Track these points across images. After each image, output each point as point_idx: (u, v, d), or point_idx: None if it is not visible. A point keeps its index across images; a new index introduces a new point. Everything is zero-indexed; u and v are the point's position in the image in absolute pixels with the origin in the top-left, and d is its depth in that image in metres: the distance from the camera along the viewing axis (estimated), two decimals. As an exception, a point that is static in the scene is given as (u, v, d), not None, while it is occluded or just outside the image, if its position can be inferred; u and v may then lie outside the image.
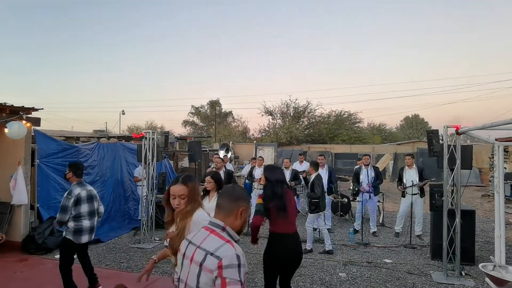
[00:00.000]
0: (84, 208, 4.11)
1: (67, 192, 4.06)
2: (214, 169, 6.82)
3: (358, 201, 7.72)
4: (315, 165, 6.56)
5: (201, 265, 1.53)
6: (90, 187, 4.30)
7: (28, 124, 6.06)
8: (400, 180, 7.34)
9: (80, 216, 4.09)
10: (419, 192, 7.07)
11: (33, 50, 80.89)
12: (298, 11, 71.84)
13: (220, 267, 1.45)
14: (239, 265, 1.47)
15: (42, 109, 6.29)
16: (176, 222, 2.30)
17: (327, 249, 6.24)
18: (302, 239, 6.31)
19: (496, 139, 6.15)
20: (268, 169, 3.78)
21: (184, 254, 1.69)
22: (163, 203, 2.39)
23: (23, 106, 6.04)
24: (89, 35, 77.61)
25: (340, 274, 5.27)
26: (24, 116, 6.02)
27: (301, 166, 9.29)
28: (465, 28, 69.60)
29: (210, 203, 4.24)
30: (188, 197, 2.26)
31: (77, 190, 4.09)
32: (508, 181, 11.50)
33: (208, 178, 4.17)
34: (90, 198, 4.21)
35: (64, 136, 10.53)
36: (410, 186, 7.02)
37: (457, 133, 5.04)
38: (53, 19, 78.71)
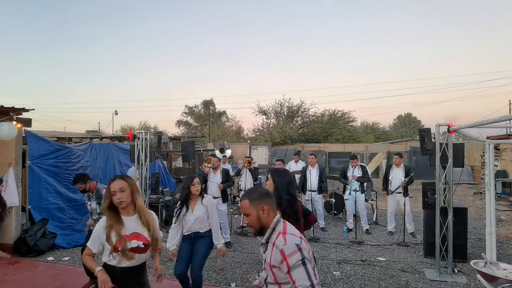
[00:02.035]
0: None
1: (102, 194, 4.31)
2: (211, 169, 6.78)
3: (346, 199, 7.78)
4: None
5: None
6: None
7: (19, 125, 5.99)
8: (386, 178, 7.44)
9: None
10: (402, 191, 7.12)
11: (23, 49, 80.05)
12: (290, 11, 71.97)
13: None
14: None
15: (33, 109, 6.21)
16: (144, 222, 2.43)
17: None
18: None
19: (487, 137, 6.23)
20: (276, 172, 3.13)
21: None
22: (104, 210, 2.40)
23: (13, 107, 5.96)
24: (81, 34, 76.99)
25: (334, 272, 5.28)
26: (15, 117, 5.95)
27: (297, 165, 9.33)
28: (456, 27, 70.30)
29: (194, 213, 3.90)
30: (129, 190, 2.38)
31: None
32: (499, 178, 11.63)
33: (196, 179, 3.94)
34: None
35: (56, 137, 10.41)
36: (396, 190, 7.15)
37: (449, 131, 5.08)
38: (45, 18, 77.95)
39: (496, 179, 11.24)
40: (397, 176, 7.22)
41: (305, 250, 1.79)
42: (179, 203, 3.96)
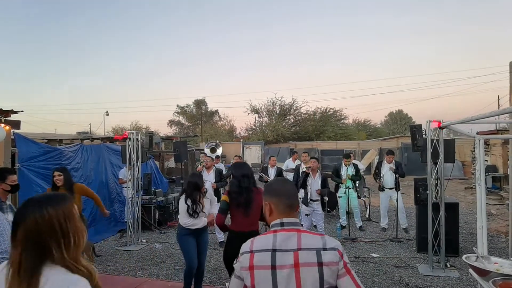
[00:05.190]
0: None
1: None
2: (203, 167, 6.76)
3: (338, 196, 7.80)
4: None
5: (320, 264, 1.52)
6: None
7: (7, 127, 5.89)
8: (377, 174, 7.54)
9: None
10: (394, 186, 7.20)
11: (13, 50, 78.84)
12: (282, 9, 72.00)
13: (341, 256, 1.55)
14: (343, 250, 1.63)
15: (22, 111, 6.14)
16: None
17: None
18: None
19: (477, 133, 6.28)
20: (234, 165, 3.80)
21: (275, 265, 1.52)
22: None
23: (1, 109, 5.87)
24: (71, 35, 76.06)
25: (328, 270, 5.29)
26: (3, 119, 5.86)
27: (294, 163, 9.37)
28: (447, 23, 71.01)
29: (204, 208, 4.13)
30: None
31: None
32: (489, 173, 11.79)
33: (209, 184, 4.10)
34: None
35: (46, 139, 10.27)
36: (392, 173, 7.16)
37: (440, 127, 5.12)
38: (34, 19, 76.83)
39: (487, 174, 11.41)
40: (388, 171, 7.28)
41: (241, 262, 1.59)
42: (189, 201, 3.92)
